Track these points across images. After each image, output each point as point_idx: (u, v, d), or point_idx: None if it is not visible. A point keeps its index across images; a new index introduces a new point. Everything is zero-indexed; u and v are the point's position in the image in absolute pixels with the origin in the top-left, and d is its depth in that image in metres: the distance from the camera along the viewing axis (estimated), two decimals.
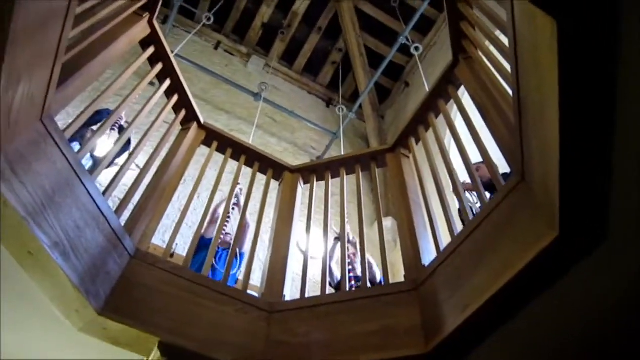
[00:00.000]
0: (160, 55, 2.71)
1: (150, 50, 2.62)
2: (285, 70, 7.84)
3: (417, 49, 5.72)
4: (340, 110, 6.16)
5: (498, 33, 2.17)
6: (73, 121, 1.98)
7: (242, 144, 3.06)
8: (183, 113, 2.85)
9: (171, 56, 2.75)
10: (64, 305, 1.76)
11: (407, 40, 5.87)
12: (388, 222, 6.07)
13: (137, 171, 2.39)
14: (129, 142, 3.32)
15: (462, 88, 2.63)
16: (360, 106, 7.23)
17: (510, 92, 2.10)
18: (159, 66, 2.70)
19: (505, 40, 2.02)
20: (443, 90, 2.77)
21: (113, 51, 2.24)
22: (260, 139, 6.26)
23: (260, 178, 3.04)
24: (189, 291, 2.06)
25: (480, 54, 2.47)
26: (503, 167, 2.33)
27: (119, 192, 3.67)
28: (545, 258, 1.54)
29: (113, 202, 3.50)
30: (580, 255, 1.50)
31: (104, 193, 2.00)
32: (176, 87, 2.81)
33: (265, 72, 7.60)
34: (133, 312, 1.85)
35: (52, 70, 1.65)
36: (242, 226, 2.81)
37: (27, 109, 1.59)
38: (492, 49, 2.25)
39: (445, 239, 2.23)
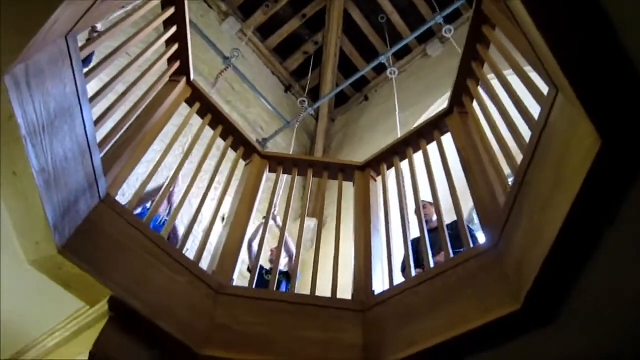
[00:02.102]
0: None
1: None
2: (257, 42, 7.68)
3: (393, 72, 5.89)
4: (302, 103, 6.17)
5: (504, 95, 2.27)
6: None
7: (221, 112, 2.99)
8: (177, 65, 2.73)
9: (186, 3, 2.64)
10: (27, 234, 1.64)
11: (388, 62, 6.01)
12: (311, 223, 6.20)
13: (123, 111, 2.26)
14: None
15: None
16: (316, 108, 7.30)
17: (498, 155, 2.28)
18: (171, 10, 2.58)
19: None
20: (428, 133, 2.90)
21: None
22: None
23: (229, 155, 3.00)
24: (148, 251, 2.00)
25: (477, 111, 2.63)
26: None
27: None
28: (502, 323, 1.71)
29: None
30: (533, 328, 1.69)
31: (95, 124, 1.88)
32: (179, 36, 2.70)
33: (238, 38, 7.40)
34: (92, 259, 1.77)
35: None
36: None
37: (61, 23, 1.47)
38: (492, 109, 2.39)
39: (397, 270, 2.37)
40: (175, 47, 2.69)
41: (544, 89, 1.87)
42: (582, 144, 1.38)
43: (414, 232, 2.78)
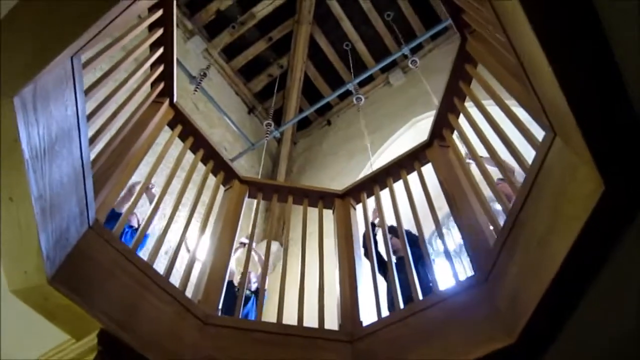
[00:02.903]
0: (163, 21, 2.55)
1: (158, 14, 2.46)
2: (222, 63, 7.63)
3: (359, 99, 6.01)
4: (268, 126, 6.17)
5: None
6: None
7: (203, 136, 2.95)
8: (161, 86, 2.68)
9: (174, 25, 2.60)
10: (15, 263, 1.54)
11: (355, 90, 6.13)
12: (274, 247, 6.16)
13: (110, 134, 2.18)
14: None
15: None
16: (281, 131, 7.32)
17: (484, 188, 2.37)
18: (159, 32, 2.54)
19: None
20: (408, 164, 2.97)
21: None
22: None
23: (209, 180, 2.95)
24: (136, 280, 1.92)
25: (459, 145, 2.73)
26: None
27: None
28: (494, 357, 1.75)
29: None
30: None
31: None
32: (165, 58, 2.65)
33: (203, 57, 7.33)
34: (81, 289, 1.67)
35: None
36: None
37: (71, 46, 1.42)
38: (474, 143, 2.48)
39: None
40: (161, 68, 2.64)
41: (534, 129, 1.99)
42: (581, 188, 1.46)
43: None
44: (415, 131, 6.81)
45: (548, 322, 1.67)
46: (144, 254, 2.85)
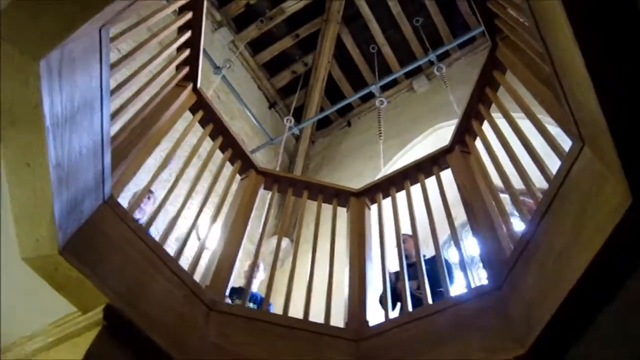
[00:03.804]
0: (193, 5, 2.55)
1: None
2: (247, 56, 7.66)
3: (382, 102, 5.96)
4: (289, 122, 6.16)
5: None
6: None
7: (224, 123, 2.93)
8: (186, 70, 2.67)
9: (204, 10, 2.60)
10: (28, 229, 1.54)
11: (377, 92, 6.09)
12: (284, 243, 6.14)
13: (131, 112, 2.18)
14: None
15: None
16: (300, 129, 7.31)
17: (500, 194, 2.33)
18: (189, 15, 2.54)
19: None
20: (427, 168, 2.93)
21: None
22: None
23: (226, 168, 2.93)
24: (147, 259, 1.91)
25: (481, 149, 2.67)
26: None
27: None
28: None
29: None
30: None
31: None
32: (192, 42, 2.65)
33: (229, 49, 7.35)
34: (91, 262, 1.67)
35: None
36: None
37: (99, 15, 1.41)
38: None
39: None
40: (187, 52, 2.64)
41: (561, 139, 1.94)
42: (609, 201, 1.41)
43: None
44: (435, 138, 6.75)
45: (562, 335, 1.61)
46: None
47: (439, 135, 6.77)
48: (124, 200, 2.26)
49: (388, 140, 6.53)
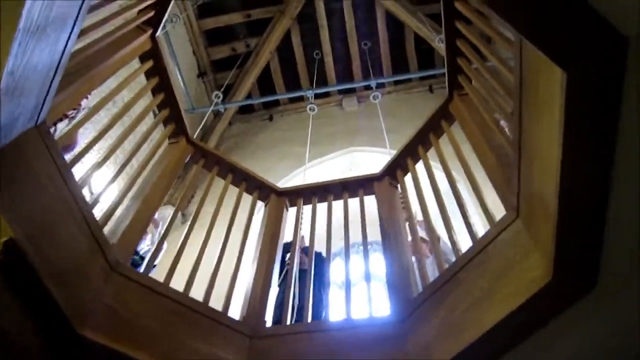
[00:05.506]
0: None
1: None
2: (193, 18, 7.27)
3: (313, 109, 6.03)
4: (217, 97, 5.96)
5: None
6: None
7: (169, 80, 2.79)
8: (151, 14, 2.50)
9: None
10: None
11: (310, 98, 6.16)
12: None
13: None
14: None
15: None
16: (225, 108, 7.11)
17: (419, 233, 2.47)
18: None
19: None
20: (353, 189, 3.02)
21: None
22: None
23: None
24: (63, 200, 1.72)
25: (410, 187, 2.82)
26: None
27: None
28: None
29: None
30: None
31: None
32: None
33: (176, 5, 6.95)
34: (4, 188, 1.48)
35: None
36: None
37: None
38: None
39: None
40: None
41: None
42: (529, 271, 1.57)
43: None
44: (349, 160, 6.97)
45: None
46: None
47: (353, 158, 7.01)
48: None
49: (303, 146, 6.59)
